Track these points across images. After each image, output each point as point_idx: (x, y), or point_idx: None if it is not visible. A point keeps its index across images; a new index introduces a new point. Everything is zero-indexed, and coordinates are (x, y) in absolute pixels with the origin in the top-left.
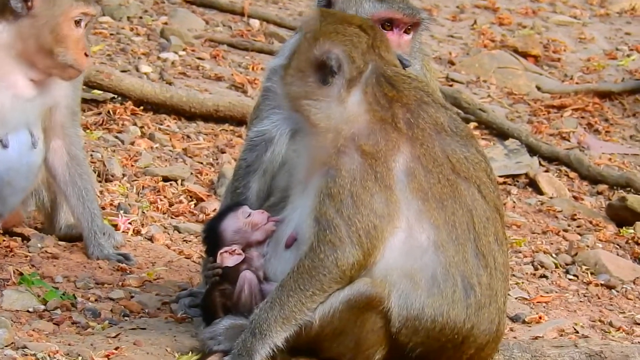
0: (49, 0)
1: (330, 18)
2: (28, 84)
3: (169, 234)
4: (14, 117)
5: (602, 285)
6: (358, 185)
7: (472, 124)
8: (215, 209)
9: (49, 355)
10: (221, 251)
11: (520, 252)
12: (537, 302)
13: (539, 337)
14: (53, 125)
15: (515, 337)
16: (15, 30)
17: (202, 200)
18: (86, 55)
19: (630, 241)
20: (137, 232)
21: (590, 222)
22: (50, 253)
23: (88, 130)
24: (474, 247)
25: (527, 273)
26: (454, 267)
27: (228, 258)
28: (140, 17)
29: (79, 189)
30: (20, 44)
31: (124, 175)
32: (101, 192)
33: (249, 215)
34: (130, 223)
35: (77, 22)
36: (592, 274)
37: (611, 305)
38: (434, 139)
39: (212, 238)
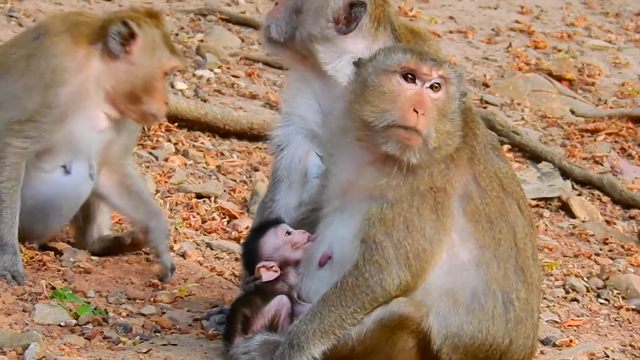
0: (149, 51)
1: None
2: (104, 117)
3: (201, 250)
4: (84, 147)
5: (633, 309)
6: (414, 212)
7: (506, 147)
8: (247, 227)
9: None
10: (259, 265)
11: (551, 275)
12: (568, 326)
13: None
14: (110, 158)
15: None
16: (107, 69)
17: (235, 217)
18: (165, 104)
19: None
20: (169, 249)
21: (622, 247)
22: (83, 267)
23: None
24: (514, 262)
25: (558, 296)
26: (494, 283)
27: (265, 273)
28: (177, 34)
29: (137, 194)
30: (108, 82)
31: (157, 191)
32: None
33: (290, 233)
34: None
35: (166, 74)
36: (623, 298)
37: None
38: (488, 155)
39: (250, 253)
